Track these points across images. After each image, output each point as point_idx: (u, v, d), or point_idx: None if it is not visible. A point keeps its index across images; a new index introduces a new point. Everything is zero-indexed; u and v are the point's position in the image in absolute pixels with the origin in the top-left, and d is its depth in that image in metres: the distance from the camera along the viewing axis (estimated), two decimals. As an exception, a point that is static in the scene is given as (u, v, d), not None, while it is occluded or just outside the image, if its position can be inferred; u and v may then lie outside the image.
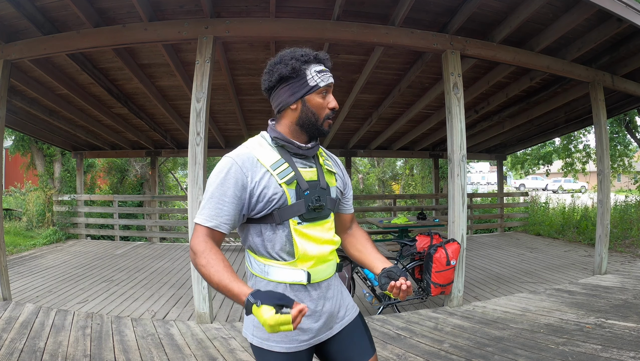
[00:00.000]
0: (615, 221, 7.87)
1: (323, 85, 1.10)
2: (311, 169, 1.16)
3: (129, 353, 2.72)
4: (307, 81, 1.09)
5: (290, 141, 1.13)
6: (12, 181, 13.70)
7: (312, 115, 1.11)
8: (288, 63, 1.09)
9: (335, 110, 1.13)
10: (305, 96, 1.10)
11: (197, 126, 3.32)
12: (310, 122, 1.12)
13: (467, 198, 6.25)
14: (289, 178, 1.08)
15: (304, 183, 1.10)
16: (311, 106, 1.11)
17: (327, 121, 1.14)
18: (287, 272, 1.09)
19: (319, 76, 1.10)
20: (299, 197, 1.09)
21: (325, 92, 1.12)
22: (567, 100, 5.85)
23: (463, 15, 3.55)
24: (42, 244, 7.24)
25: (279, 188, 1.07)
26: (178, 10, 3.47)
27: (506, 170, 14.40)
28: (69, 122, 6.62)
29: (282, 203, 1.07)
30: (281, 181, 1.07)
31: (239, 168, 1.06)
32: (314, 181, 1.14)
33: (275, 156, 1.11)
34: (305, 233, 1.09)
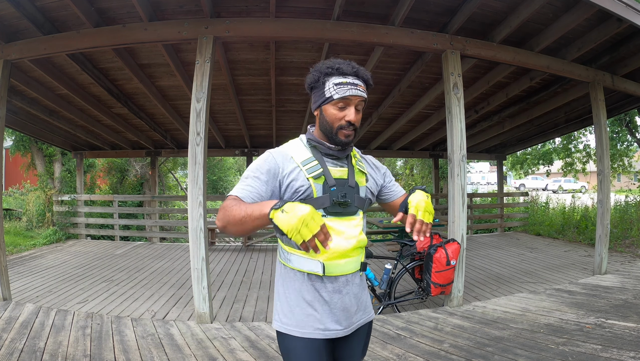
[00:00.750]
0: (615, 221, 7.86)
1: (337, 97, 1.16)
2: (342, 169, 1.24)
3: (129, 353, 2.72)
4: (324, 91, 1.19)
5: (321, 142, 1.24)
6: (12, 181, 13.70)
7: (327, 124, 1.20)
8: (314, 73, 1.21)
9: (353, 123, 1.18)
10: (323, 105, 1.20)
11: (197, 126, 3.32)
12: (327, 129, 1.21)
13: (467, 198, 6.25)
14: (316, 174, 1.18)
15: (331, 179, 1.19)
16: (326, 115, 1.20)
17: (341, 131, 1.19)
18: (305, 261, 1.17)
19: (335, 88, 1.17)
20: (325, 191, 1.17)
21: (344, 105, 1.17)
22: (567, 100, 5.85)
23: (463, 15, 3.55)
24: (42, 244, 7.24)
25: (306, 181, 1.17)
26: (178, 10, 3.47)
27: (506, 170, 14.39)
28: (69, 122, 6.62)
29: (307, 195, 1.16)
30: (309, 175, 1.17)
31: (273, 159, 1.19)
32: (343, 179, 1.22)
33: (307, 154, 1.23)
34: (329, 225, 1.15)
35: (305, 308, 1.18)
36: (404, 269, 3.72)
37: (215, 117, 6.73)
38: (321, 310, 1.18)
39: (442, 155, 9.62)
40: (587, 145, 11.47)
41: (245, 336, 3.04)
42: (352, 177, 1.24)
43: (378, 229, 7.47)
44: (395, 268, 3.72)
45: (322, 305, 1.18)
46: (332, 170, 1.21)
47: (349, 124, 1.18)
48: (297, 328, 1.18)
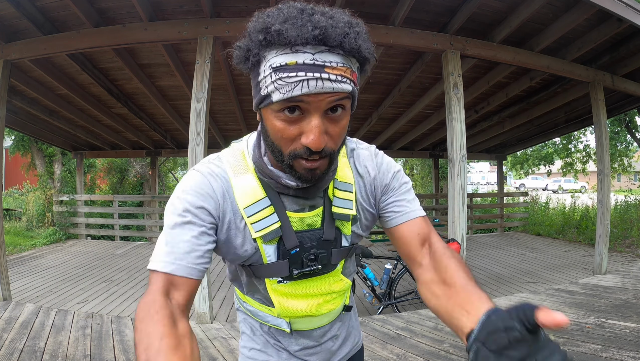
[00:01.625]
0: (615, 221, 7.86)
1: (278, 99, 0.58)
2: (311, 213, 0.74)
3: (129, 353, 2.72)
4: (259, 81, 0.61)
5: (274, 176, 0.70)
6: (12, 181, 13.70)
7: (271, 142, 0.65)
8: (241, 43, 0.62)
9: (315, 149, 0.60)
10: (261, 108, 0.64)
11: (197, 126, 3.32)
12: (273, 151, 0.65)
13: (467, 198, 6.25)
14: (268, 232, 0.70)
15: (292, 239, 0.72)
16: (268, 127, 0.64)
17: (298, 162, 0.63)
18: (265, 315, 0.84)
19: (274, 79, 0.57)
20: (281, 256, 0.73)
21: (296, 112, 0.59)
22: (567, 100, 5.85)
23: (463, 15, 3.55)
24: (42, 244, 7.24)
25: (250, 243, 0.72)
26: (178, 10, 3.47)
27: (506, 170, 14.40)
28: (69, 122, 6.62)
29: (254, 261, 0.74)
30: (256, 234, 0.70)
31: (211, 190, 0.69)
32: (313, 230, 0.74)
33: (256, 191, 0.71)
34: (287, 292, 0.77)
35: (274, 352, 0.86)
36: (404, 269, 3.72)
37: (215, 117, 6.72)
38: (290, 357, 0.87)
39: (442, 155, 9.62)
40: (587, 145, 11.48)
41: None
42: (330, 225, 0.74)
43: (378, 229, 7.47)
44: (395, 268, 3.72)
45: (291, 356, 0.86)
46: (293, 217, 0.73)
47: (309, 151, 0.61)
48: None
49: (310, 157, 0.62)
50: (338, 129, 0.64)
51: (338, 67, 0.57)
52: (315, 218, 0.75)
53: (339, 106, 0.61)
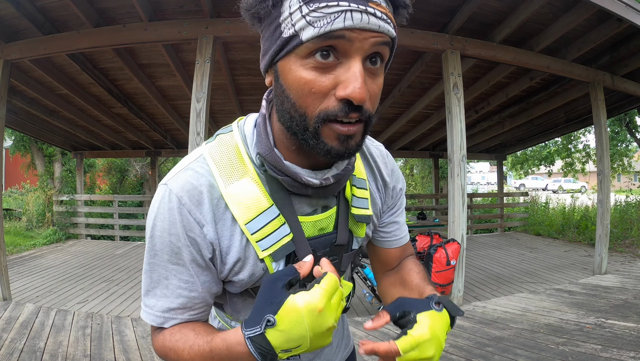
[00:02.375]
0: (615, 221, 7.86)
1: (311, 36, 0.46)
2: (326, 213, 0.63)
3: (129, 353, 2.72)
4: (281, 26, 0.49)
5: (291, 172, 0.56)
6: (12, 181, 13.71)
7: (290, 105, 0.51)
8: None
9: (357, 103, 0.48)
10: (279, 61, 0.51)
11: (197, 126, 3.32)
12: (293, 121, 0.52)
13: (467, 198, 6.25)
14: (278, 249, 0.58)
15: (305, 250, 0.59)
16: (286, 86, 0.51)
17: (329, 127, 0.50)
18: None
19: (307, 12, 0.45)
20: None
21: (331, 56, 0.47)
22: (567, 100, 5.85)
23: (463, 15, 3.55)
24: (42, 244, 7.24)
25: (258, 265, 0.59)
26: (178, 10, 3.47)
27: (506, 170, 14.40)
28: (69, 122, 6.62)
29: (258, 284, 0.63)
30: (264, 253, 0.58)
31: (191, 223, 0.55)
32: (325, 235, 0.63)
33: (259, 200, 0.57)
34: None
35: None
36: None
37: (215, 117, 6.72)
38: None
39: (442, 155, 9.62)
40: (587, 145, 11.48)
41: (245, 336, 3.04)
42: (344, 228, 0.64)
43: (378, 229, 7.46)
44: (395, 268, 3.72)
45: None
46: (305, 222, 0.61)
47: (348, 106, 0.48)
48: None
49: (347, 117, 0.48)
50: (377, 87, 0.52)
51: (382, 5, 0.47)
52: (328, 221, 0.63)
53: (379, 55, 0.50)
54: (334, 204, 0.64)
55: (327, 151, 0.51)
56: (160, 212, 0.56)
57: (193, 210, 0.55)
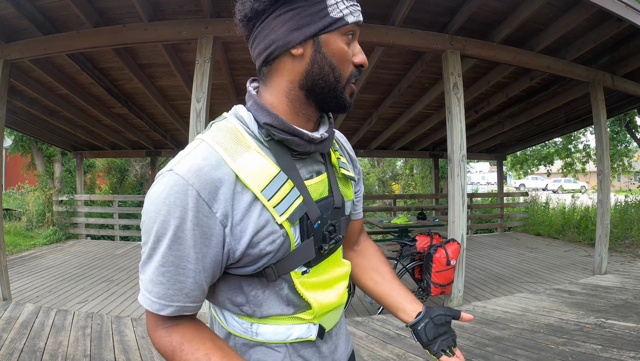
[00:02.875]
0: (615, 221, 7.87)
1: (353, 21, 0.64)
2: (319, 177, 0.70)
3: (129, 353, 2.72)
4: (329, 8, 0.62)
5: (297, 131, 0.64)
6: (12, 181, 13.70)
7: (331, 71, 0.64)
8: None
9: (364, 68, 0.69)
10: (322, 35, 0.63)
11: (197, 126, 3.32)
12: (327, 83, 0.64)
13: (467, 198, 6.25)
14: (294, 211, 0.63)
15: (314, 211, 0.65)
16: (330, 54, 0.64)
17: (350, 86, 0.68)
18: (286, 329, 0.69)
19: (348, 4, 0.64)
20: (305, 235, 0.65)
21: (352, 37, 0.67)
22: (567, 100, 5.85)
23: (463, 15, 3.55)
24: (42, 244, 7.24)
25: (277, 231, 0.62)
26: (178, 10, 3.47)
27: (506, 170, 14.40)
28: (69, 122, 6.62)
29: (283, 254, 0.64)
30: (282, 218, 0.62)
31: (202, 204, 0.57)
32: (324, 198, 0.70)
33: (267, 166, 0.62)
34: (313, 282, 0.70)
35: None
36: (404, 269, 3.72)
37: (215, 117, 6.67)
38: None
39: (442, 155, 9.62)
40: (587, 145, 11.48)
41: None
42: (337, 191, 0.72)
43: (378, 229, 7.47)
44: (395, 268, 3.72)
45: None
46: (310, 186, 0.68)
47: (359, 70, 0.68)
48: None
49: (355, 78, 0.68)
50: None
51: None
52: (323, 185, 0.71)
53: None
54: (324, 170, 0.72)
55: (345, 103, 0.68)
56: (172, 196, 0.56)
57: (203, 194, 0.57)
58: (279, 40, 0.63)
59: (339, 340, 0.82)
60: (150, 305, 0.60)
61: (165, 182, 0.57)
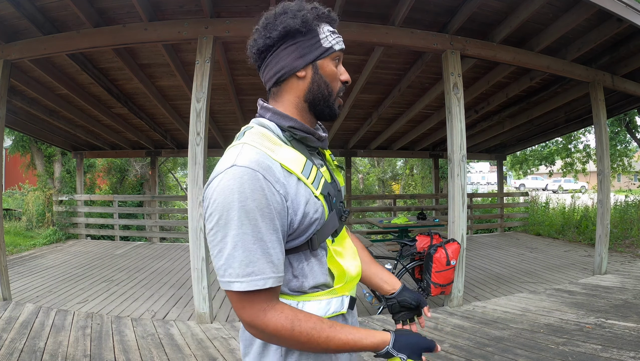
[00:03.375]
0: (615, 221, 7.86)
1: (339, 48, 0.85)
2: (323, 168, 0.88)
3: (129, 353, 2.72)
4: (321, 40, 0.83)
5: (312, 131, 0.85)
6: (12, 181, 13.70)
7: (326, 86, 0.84)
8: (297, 14, 0.81)
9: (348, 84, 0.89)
10: (318, 60, 0.83)
11: (197, 126, 3.33)
12: (323, 96, 0.84)
13: (467, 198, 6.25)
14: (323, 187, 0.80)
15: (332, 189, 0.84)
16: (325, 75, 0.84)
17: (339, 99, 0.88)
18: (327, 303, 0.83)
19: (334, 37, 0.84)
20: (330, 208, 0.82)
21: (338, 60, 0.87)
22: (567, 100, 5.85)
23: (463, 15, 3.55)
24: (42, 244, 7.24)
25: (317, 202, 0.78)
26: (178, 10, 3.47)
27: (506, 170, 14.40)
28: (69, 122, 6.62)
29: (322, 222, 0.80)
30: (318, 191, 0.79)
31: (270, 185, 0.70)
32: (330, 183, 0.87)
33: (298, 156, 0.79)
34: (339, 251, 0.86)
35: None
36: (404, 269, 3.72)
37: (215, 117, 6.73)
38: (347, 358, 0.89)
39: (442, 155, 9.62)
40: (587, 145, 11.48)
41: None
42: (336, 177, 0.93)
43: (378, 229, 7.47)
44: (395, 268, 3.72)
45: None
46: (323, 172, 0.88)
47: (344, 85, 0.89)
48: None
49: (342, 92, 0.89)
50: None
51: None
52: (327, 173, 0.88)
53: None
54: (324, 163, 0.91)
55: (335, 112, 0.88)
56: (247, 184, 0.68)
57: (268, 178, 0.71)
58: (287, 67, 0.82)
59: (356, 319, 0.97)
60: (254, 285, 0.68)
61: (233, 174, 0.69)
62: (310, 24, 0.82)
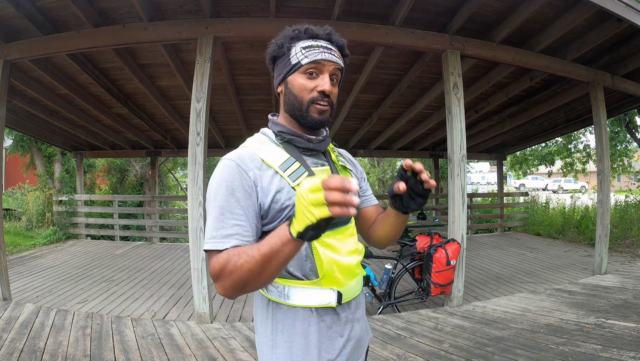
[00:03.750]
0: (615, 221, 7.87)
1: (306, 62, 0.92)
2: (324, 168, 0.99)
3: (129, 353, 2.72)
4: (290, 59, 0.94)
5: (298, 133, 0.96)
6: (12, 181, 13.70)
7: (294, 98, 0.94)
8: (276, 41, 0.97)
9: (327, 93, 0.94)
10: (287, 77, 0.95)
11: (197, 126, 3.32)
12: (294, 107, 0.94)
13: (467, 198, 6.25)
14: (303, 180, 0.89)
15: None
16: (292, 88, 0.94)
17: (314, 106, 0.93)
18: (313, 294, 0.91)
19: (304, 52, 0.92)
20: None
21: (315, 73, 0.93)
22: (567, 100, 5.85)
23: (463, 15, 3.55)
24: (42, 244, 7.24)
25: (292, 192, 0.89)
26: (178, 10, 3.47)
27: (506, 170, 14.39)
28: (69, 122, 6.62)
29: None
30: (294, 183, 0.90)
31: (240, 171, 0.87)
32: None
33: (282, 154, 0.94)
34: (328, 243, 0.92)
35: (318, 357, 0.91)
36: (404, 269, 3.72)
37: (215, 117, 6.72)
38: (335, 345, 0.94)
39: (442, 155, 9.62)
40: (587, 145, 11.47)
41: (246, 336, 3.04)
42: None
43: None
44: (395, 268, 3.72)
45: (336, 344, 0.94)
46: (315, 172, 0.96)
47: (322, 94, 0.93)
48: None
49: (322, 100, 0.93)
50: (335, 90, 0.98)
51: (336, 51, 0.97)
52: (327, 173, 0.99)
53: (335, 75, 0.97)
54: (327, 164, 1.02)
55: (312, 120, 0.94)
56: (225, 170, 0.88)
57: (242, 166, 0.88)
58: (274, 85, 1.02)
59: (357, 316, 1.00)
60: (214, 245, 0.82)
61: (221, 165, 0.90)
62: (283, 47, 0.96)
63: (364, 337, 1.04)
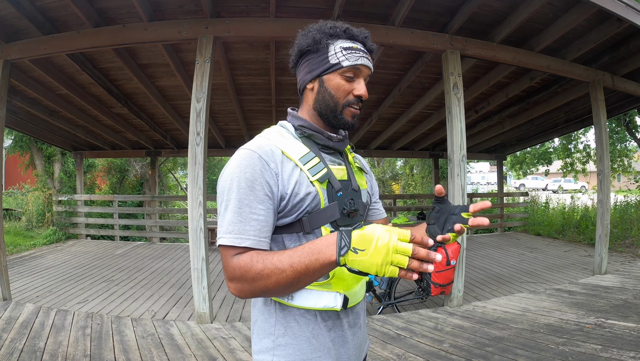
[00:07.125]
0: (615, 221, 7.86)
1: (347, 65, 0.90)
2: (340, 167, 0.97)
3: (129, 353, 2.72)
4: (329, 57, 0.91)
5: (319, 129, 0.94)
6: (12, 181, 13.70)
7: (330, 98, 0.92)
8: (309, 35, 0.93)
9: (363, 99, 0.94)
10: (324, 75, 0.93)
11: (197, 126, 3.32)
12: (328, 106, 0.93)
13: (467, 198, 6.25)
14: (321, 175, 0.89)
15: (336, 182, 0.91)
16: (329, 87, 0.92)
17: (348, 109, 0.93)
18: (318, 296, 0.88)
19: (345, 54, 0.90)
20: (331, 199, 0.89)
21: (353, 76, 0.92)
22: (567, 100, 5.85)
23: (463, 15, 3.55)
24: (42, 244, 7.24)
25: (311, 187, 0.87)
26: (178, 10, 3.47)
27: (506, 170, 14.39)
28: (69, 122, 6.62)
29: (314, 206, 0.87)
30: (313, 178, 0.87)
31: (263, 162, 0.84)
32: (344, 181, 0.95)
33: (302, 148, 0.91)
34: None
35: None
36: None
37: (215, 117, 6.72)
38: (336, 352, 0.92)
39: (442, 155, 9.62)
40: (587, 145, 11.47)
41: (246, 336, 3.04)
42: (354, 178, 0.98)
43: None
44: (395, 268, 3.71)
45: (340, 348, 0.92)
46: (332, 169, 0.93)
47: (358, 99, 0.93)
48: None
49: (357, 105, 0.94)
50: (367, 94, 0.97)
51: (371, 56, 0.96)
52: (343, 172, 0.97)
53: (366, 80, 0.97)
54: (343, 164, 1.00)
55: (345, 122, 0.94)
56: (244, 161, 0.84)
57: (264, 157, 0.85)
58: (302, 79, 0.97)
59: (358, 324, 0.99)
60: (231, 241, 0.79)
61: (239, 154, 0.86)
62: (319, 42, 0.93)
63: (363, 344, 1.03)
